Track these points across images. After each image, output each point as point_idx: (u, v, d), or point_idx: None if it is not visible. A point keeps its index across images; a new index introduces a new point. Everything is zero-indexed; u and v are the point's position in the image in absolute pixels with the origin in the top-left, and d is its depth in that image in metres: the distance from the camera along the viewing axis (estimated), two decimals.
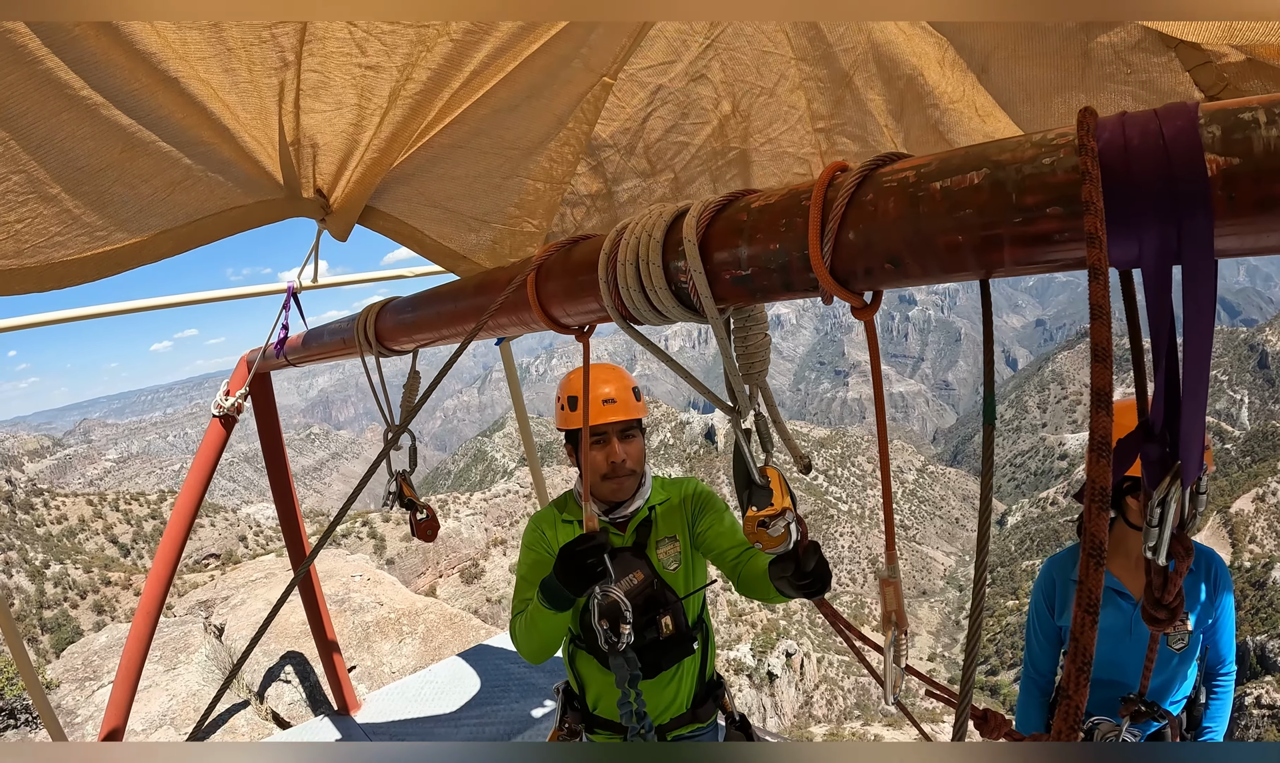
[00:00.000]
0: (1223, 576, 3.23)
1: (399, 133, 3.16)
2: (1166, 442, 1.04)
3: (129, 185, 2.79)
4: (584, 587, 2.43)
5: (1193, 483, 1.08)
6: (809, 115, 3.63)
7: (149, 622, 5.60)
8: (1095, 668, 3.29)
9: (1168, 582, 1.12)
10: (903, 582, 1.50)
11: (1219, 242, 0.88)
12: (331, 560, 12.93)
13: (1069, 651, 0.85)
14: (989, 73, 2.80)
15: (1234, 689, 3.40)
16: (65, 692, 8.11)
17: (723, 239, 1.39)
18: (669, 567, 3.12)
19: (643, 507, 3.14)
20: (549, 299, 1.95)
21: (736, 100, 3.59)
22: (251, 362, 5.23)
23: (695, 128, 3.71)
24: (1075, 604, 0.87)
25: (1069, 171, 0.95)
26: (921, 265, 1.12)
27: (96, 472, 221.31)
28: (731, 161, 3.83)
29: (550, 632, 2.73)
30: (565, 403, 3.07)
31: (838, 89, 3.48)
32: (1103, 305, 0.90)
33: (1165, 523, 1.06)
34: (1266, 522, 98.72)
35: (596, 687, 3.20)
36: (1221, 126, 0.85)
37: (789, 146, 3.71)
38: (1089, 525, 0.87)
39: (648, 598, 3.05)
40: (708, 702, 3.30)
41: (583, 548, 2.41)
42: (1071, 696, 0.85)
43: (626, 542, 3.10)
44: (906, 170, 1.13)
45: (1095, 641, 0.86)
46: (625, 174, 3.88)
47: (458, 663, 8.06)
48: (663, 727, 3.20)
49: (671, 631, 3.09)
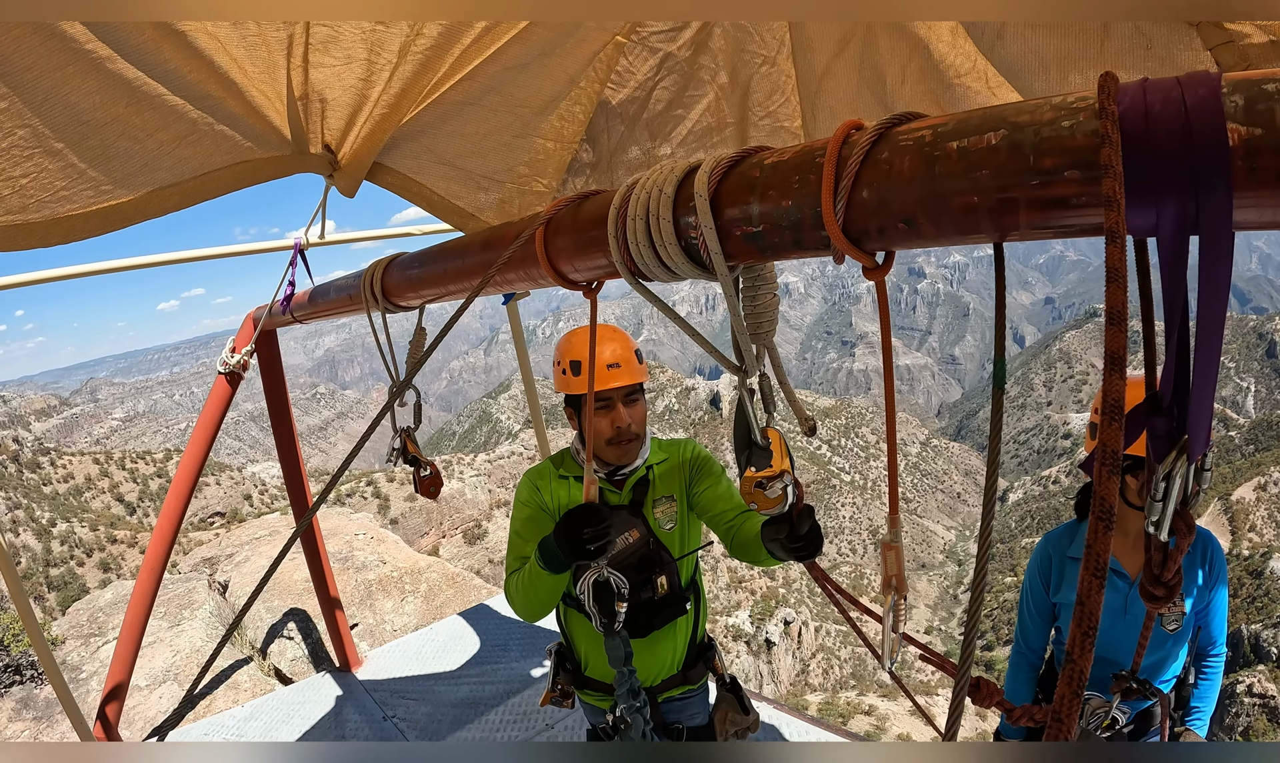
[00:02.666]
0: (1218, 558, 3.23)
1: (409, 88, 3.14)
2: (1174, 416, 1.03)
3: (134, 139, 2.78)
4: (581, 557, 2.43)
5: (1198, 459, 1.07)
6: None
7: (153, 578, 5.63)
8: (1097, 647, 3.32)
9: (1168, 559, 1.11)
10: (904, 554, 1.49)
11: (1238, 213, 0.87)
12: (335, 519, 12.98)
13: (1075, 614, 0.85)
14: (1004, 40, 2.75)
15: (1223, 673, 3.41)
16: (70, 648, 8.18)
17: (734, 195, 1.38)
18: (665, 526, 3.13)
19: (640, 466, 3.15)
20: (557, 254, 1.94)
21: (735, 71, 3.54)
22: (257, 319, 5.22)
23: (693, 100, 3.67)
24: (1083, 569, 0.86)
25: (1089, 135, 0.93)
26: (936, 226, 1.11)
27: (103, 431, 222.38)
28: (727, 139, 3.79)
29: (547, 593, 2.74)
30: (567, 367, 2.99)
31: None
32: (1119, 269, 0.89)
33: (1169, 498, 1.05)
34: (1267, 511, 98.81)
35: (587, 648, 3.23)
36: (1244, 96, 0.83)
37: (786, 120, 3.66)
38: (1099, 489, 0.86)
39: (643, 557, 3.07)
40: (698, 664, 3.33)
41: (585, 520, 2.40)
42: (1075, 660, 0.85)
43: (624, 500, 3.11)
44: (923, 129, 1.11)
45: (1101, 606, 0.85)
46: (627, 145, 3.85)
47: (458, 622, 8.12)
48: (653, 689, 3.23)
49: (666, 591, 3.12)
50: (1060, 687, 0.84)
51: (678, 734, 3.26)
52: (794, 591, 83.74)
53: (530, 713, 6.07)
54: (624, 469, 3.10)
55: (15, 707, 7.19)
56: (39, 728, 6.92)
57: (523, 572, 2.80)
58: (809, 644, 72.51)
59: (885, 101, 3.32)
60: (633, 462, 3.11)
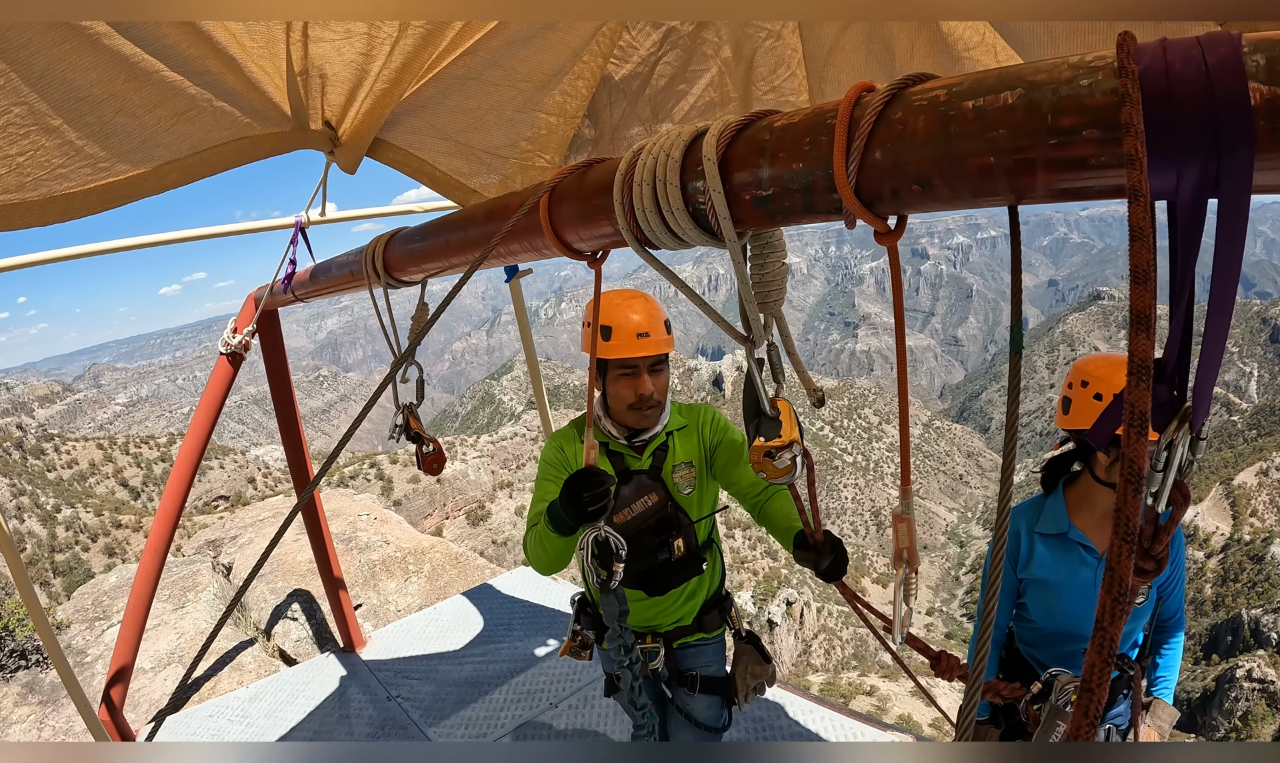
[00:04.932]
0: (1177, 533, 3.22)
1: (410, 63, 3.12)
2: (1175, 384, 1.02)
3: (132, 116, 2.76)
4: (583, 520, 2.45)
5: (1198, 428, 1.06)
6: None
7: (156, 561, 5.64)
8: (1058, 622, 3.33)
9: (1159, 532, 1.10)
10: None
11: (1258, 175, 0.85)
12: (339, 500, 12.98)
13: (1105, 580, 0.83)
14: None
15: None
16: (75, 632, 8.21)
17: (744, 159, 1.35)
18: (683, 491, 3.22)
19: (660, 432, 3.23)
20: (562, 223, 1.92)
21: (738, 45, 3.50)
22: (259, 299, 5.21)
23: (695, 75, 3.64)
24: (1114, 534, 0.84)
25: (1108, 94, 0.91)
26: (951, 188, 1.08)
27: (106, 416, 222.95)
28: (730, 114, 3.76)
29: (556, 552, 2.79)
30: (599, 332, 2.95)
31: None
32: (1144, 227, 0.86)
33: (1170, 468, 1.04)
34: (1268, 496, 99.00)
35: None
36: (1266, 56, 0.81)
37: (792, 94, 3.63)
38: (1127, 451, 0.84)
39: (661, 520, 3.18)
40: (713, 612, 3.44)
41: (585, 484, 2.42)
42: (1106, 627, 0.83)
43: (644, 464, 3.20)
44: (938, 89, 1.09)
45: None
46: (630, 121, 3.82)
47: (462, 602, 8.15)
48: (668, 634, 3.38)
49: (683, 552, 3.23)
50: (1090, 656, 0.82)
51: (692, 682, 3.36)
52: (795, 571, 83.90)
53: (534, 692, 6.09)
54: (644, 434, 3.19)
55: (21, 691, 7.20)
56: (44, 712, 6.93)
57: (536, 529, 2.86)
58: (811, 625, 72.65)
59: (893, 75, 3.29)
60: (653, 427, 3.20)
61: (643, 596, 3.26)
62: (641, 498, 3.14)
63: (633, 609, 3.28)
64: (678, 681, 3.38)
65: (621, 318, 2.97)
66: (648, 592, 3.24)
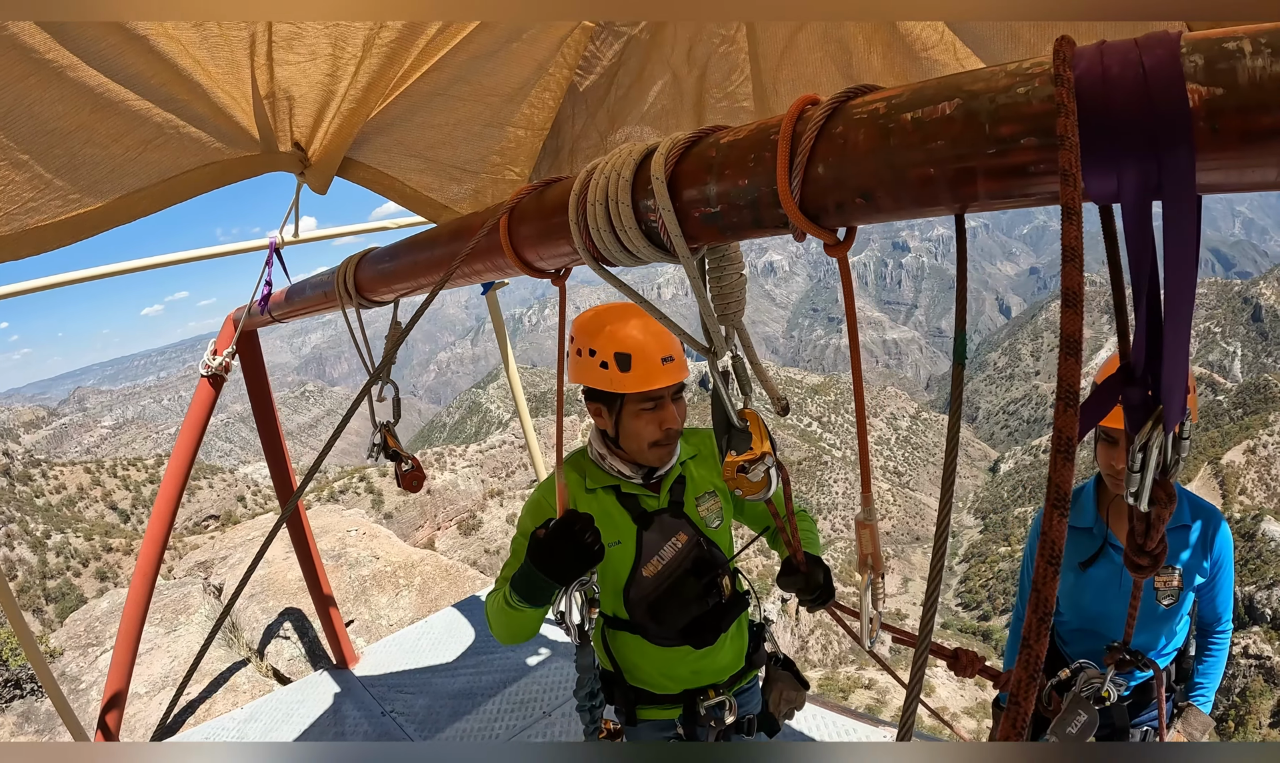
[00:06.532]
0: (1221, 534, 3.21)
1: (375, 82, 3.12)
2: (1148, 385, 1.02)
3: (100, 146, 2.76)
4: (576, 576, 2.29)
5: (1175, 428, 1.06)
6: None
7: (146, 585, 5.63)
8: (1084, 619, 3.33)
9: (1150, 528, 1.11)
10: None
11: (1202, 176, 0.85)
12: (327, 516, 12.96)
13: (1030, 600, 0.83)
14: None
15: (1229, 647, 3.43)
16: (69, 659, 8.18)
17: (692, 176, 1.36)
18: (712, 524, 2.84)
19: (675, 464, 2.84)
20: (522, 243, 1.91)
21: (692, 50, 3.50)
22: (237, 320, 5.20)
23: (649, 81, 3.64)
24: (1038, 555, 0.85)
25: (1044, 101, 0.92)
26: (894, 199, 1.09)
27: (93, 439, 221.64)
28: (682, 122, 3.75)
29: (524, 626, 2.55)
30: (613, 361, 2.52)
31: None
32: (1075, 247, 0.87)
33: (1147, 468, 1.05)
34: (1257, 474, 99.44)
35: (640, 661, 2.85)
36: (1204, 56, 0.81)
37: (746, 100, 3.62)
38: (1053, 476, 0.85)
39: (696, 560, 2.76)
40: (760, 647, 3.08)
41: (572, 535, 2.26)
42: (1032, 645, 0.83)
43: (662, 504, 2.78)
44: (877, 102, 1.10)
45: (1056, 592, 0.84)
46: (589, 131, 3.83)
47: (453, 614, 8.15)
48: (720, 686, 2.90)
49: (730, 591, 2.83)
50: (1016, 671, 0.83)
51: (749, 726, 2.96)
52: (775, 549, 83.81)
53: (527, 701, 6.09)
54: (659, 470, 2.79)
55: (17, 721, 7.18)
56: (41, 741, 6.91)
57: (499, 598, 2.56)
58: (807, 621, 72.65)
59: (851, 75, 3.29)
60: (670, 462, 2.79)
61: (689, 650, 2.78)
62: (670, 541, 2.73)
63: (683, 666, 2.83)
64: (738, 730, 2.93)
65: (640, 343, 2.51)
66: (696, 644, 2.75)
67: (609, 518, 2.71)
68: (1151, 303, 0.98)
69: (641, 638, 2.78)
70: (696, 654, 2.79)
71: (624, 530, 2.71)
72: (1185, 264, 0.91)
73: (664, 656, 2.78)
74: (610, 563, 2.69)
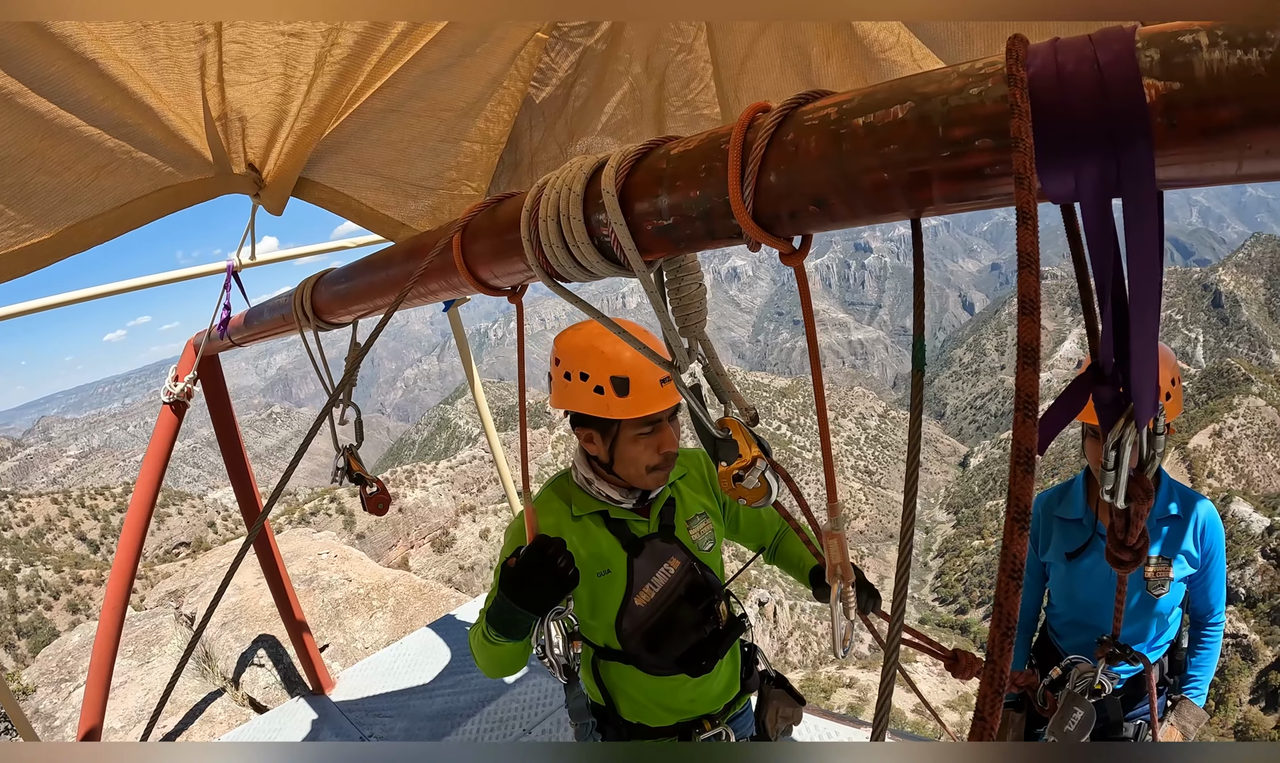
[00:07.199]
0: (1212, 526, 3.24)
1: (328, 100, 3.08)
2: (1119, 383, 1.02)
3: (52, 174, 2.71)
4: (552, 604, 2.21)
5: (1149, 424, 1.05)
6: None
7: (116, 618, 5.54)
8: (1077, 610, 3.35)
9: (1130, 524, 1.10)
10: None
11: (1161, 171, 0.83)
12: (298, 540, 12.83)
13: (993, 615, 0.82)
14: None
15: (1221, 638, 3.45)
16: (43, 695, 8.05)
17: (643, 189, 1.34)
18: (704, 547, 2.75)
19: (665, 487, 2.74)
20: (476, 260, 1.88)
21: (649, 60, 3.49)
22: (198, 345, 5.13)
23: (608, 93, 3.63)
24: (1000, 570, 0.83)
25: (998, 102, 0.90)
26: (848, 206, 1.07)
27: (59, 469, 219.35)
28: (643, 132, 3.75)
29: (506, 661, 2.47)
30: (609, 386, 2.35)
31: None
32: (1031, 253, 0.86)
33: (1121, 465, 1.04)
34: (1224, 456, 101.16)
35: (642, 695, 2.73)
36: (1160, 50, 0.79)
37: (706, 107, 3.62)
38: (1013, 488, 0.83)
39: (690, 585, 2.66)
40: (752, 671, 2.98)
41: (544, 564, 2.17)
42: (995, 661, 0.81)
43: (652, 528, 2.68)
44: (829, 107, 1.07)
45: (1018, 607, 0.82)
46: (548, 143, 3.81)
47: (428, 634, 8.08)
48: (714, 716, 2.82)
49: (726, 615, 2.75)
50: (981, 687, 0.81)
51: None
52: (765, 571, 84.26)
53: (506, 720, 6.04)
54: (650, 494, 2.67)
55: None
56: None
57: (480, 634, 2.45)
58: (785, 623, 73.02)
59: (810, 80, 3.29)
60: (663, 484, 2.66)
61: (686, 679, 2.67)
62: (662, 567, 2.63)
63: (677, 696, 2.73)
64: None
65: (637, 365, 2.34)
66: (693, 672, 2.62)
67: (597, 546, 2.60)
68: (1117, 300, 0.97)
69: (635, 668, 2.66)
70: (693, 683, 2.70)
71: (614, 559, 2.59)
72: (1149, 261, 0.90)
73: (659, 685, 2.68)
74: (601, 593, 2.59)
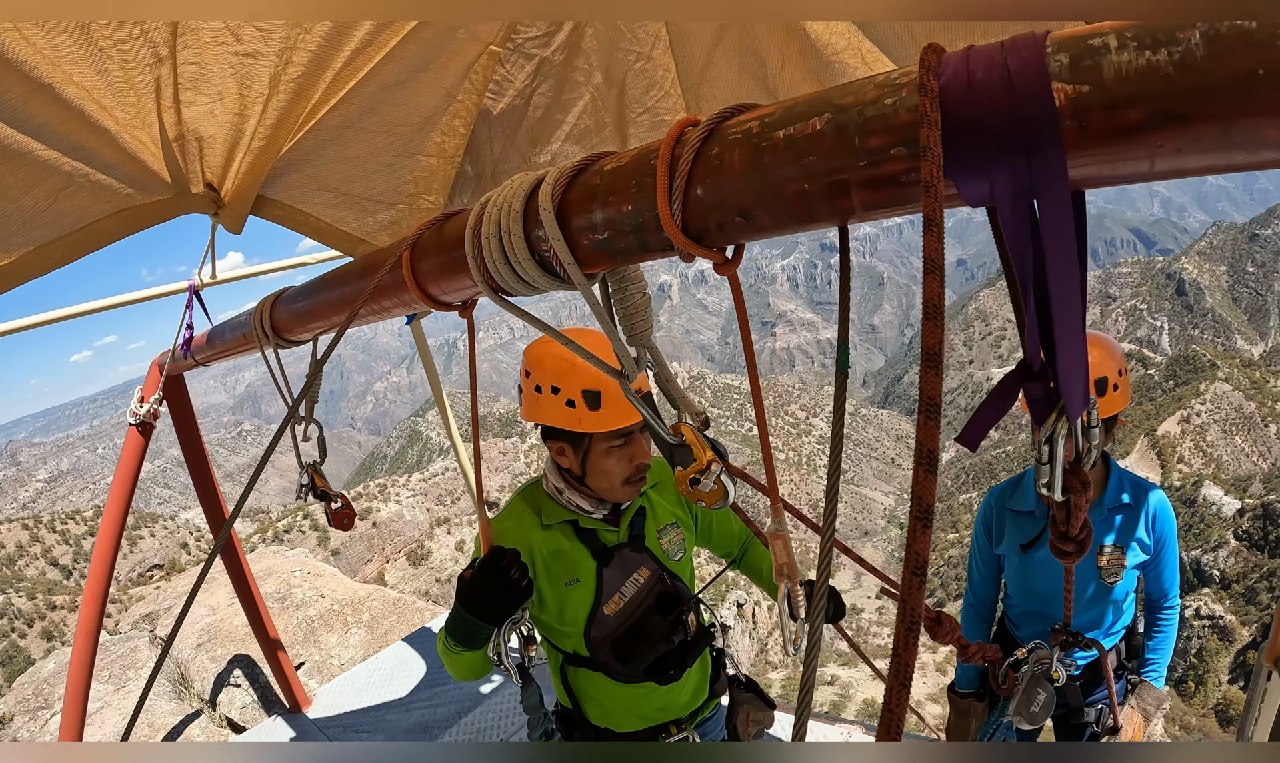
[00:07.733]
0: (1163, 513, 3.31)
1: (284, 118, 3.09)
2: (1049, 378, 1.04)
3: (10, 199, 2.71)
4: (505, 614, 2.24)
5: (1081, 418, 1.08)
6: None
7: (90, 643, 5.49)
8: (1033, 601, 3.41)
9: (1070, 516, 1.13)
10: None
11: (1075, 172, 0.85)
12: (270, 558, 12.74)
13: (899, 611, 0.83)
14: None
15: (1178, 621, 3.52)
16: (19, 724, 7.96)
17: (579, 205, 1.36)
18: (674, 557, 2.77)
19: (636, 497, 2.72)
20: (425, 277, 1.90)
21: (609, 70, 3.52)
22: (162, 365, 5.11)
23: (569, 103, 3.65)
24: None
25: (911, 111, 0.93)
26: (772, 217, 1.10)
27: (28, 494, 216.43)
28: (606, 140, 3.77)
29: (471, 668, 2.49)
30: (580, 399, 2.32)
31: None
32: (935, 259, 0.88)
33: (1055, 459, 1.07)
34: (1193, 442, 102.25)
35: (607, 700, 2.76)
36: (1070, 54, 0.81)
37: (667, 114, 3.65)
38: (915, 489, 0.85)
39: (660, 595, 2.66)
40: (720, 676, 2.98)
41: (498, 575, 2.22)
42: (900, 654, 0.83)
43: (622, 538, 2.68)
44: (752, 121, 1.10)
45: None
46: (509, 154, 3.83)
47: (404, 648, 8.05)
48: (681, 721, 2.86)
49: (695, 625, 2.76)
50: (889, 679, 0.83)
51: None
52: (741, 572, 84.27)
53: (484, 730, 6.04)
54: (622, 504, 2.68)
55: None
56: None
57: (441, 644, 2.49)
58: (764, 624, 72.95)
59: (768, 86, 3.33)
60: (635, 496, 2.66)
61: (654, 687, 2.69)
62: (631, 577, 2.63)
63: (645, 703, 2.75)
64: None
65: (609, 377, 2.21)
66: (661, 681, 2.64)
67: (566, 555, 2.60)
68: (1042, 298, 0.99)
69: (604, 676, 2.68)
70: (661, 690, 2.71)
71: (583, 568, 2.60)
72: (1067, 260, 0.92)
73: (628, 693, 2.70)
74: (569, 602, 2.59)
